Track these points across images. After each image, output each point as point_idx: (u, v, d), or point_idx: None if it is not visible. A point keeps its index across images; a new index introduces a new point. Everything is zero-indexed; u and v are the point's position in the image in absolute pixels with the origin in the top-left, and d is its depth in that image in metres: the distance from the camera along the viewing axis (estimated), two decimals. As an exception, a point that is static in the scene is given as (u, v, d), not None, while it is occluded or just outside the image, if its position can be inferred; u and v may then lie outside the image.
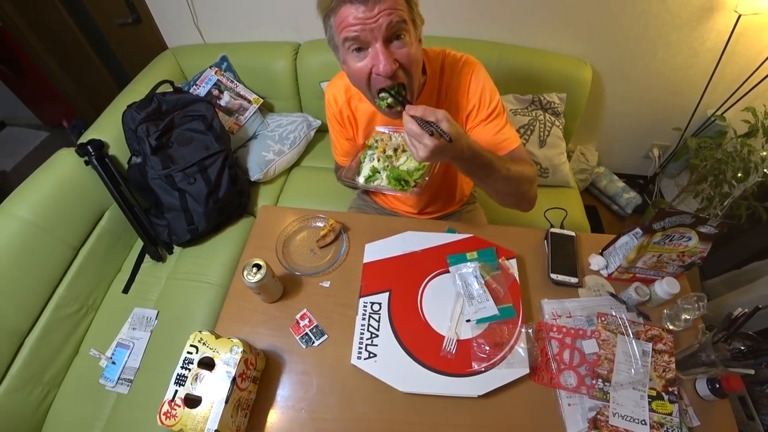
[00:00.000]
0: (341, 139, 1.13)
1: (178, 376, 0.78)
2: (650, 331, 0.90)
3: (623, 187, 2.16)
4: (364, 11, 0.72)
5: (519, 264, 1.00)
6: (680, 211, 0.86)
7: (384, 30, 0.74)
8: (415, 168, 0.86)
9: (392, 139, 0.91)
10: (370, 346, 0.88)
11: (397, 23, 0.74)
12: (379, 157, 0.89)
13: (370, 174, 0.90)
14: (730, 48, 1.60)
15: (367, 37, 0.75)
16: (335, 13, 0.75)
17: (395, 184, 0.85)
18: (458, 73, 0.95)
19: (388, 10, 0.73)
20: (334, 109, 1.05)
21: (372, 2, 0.72)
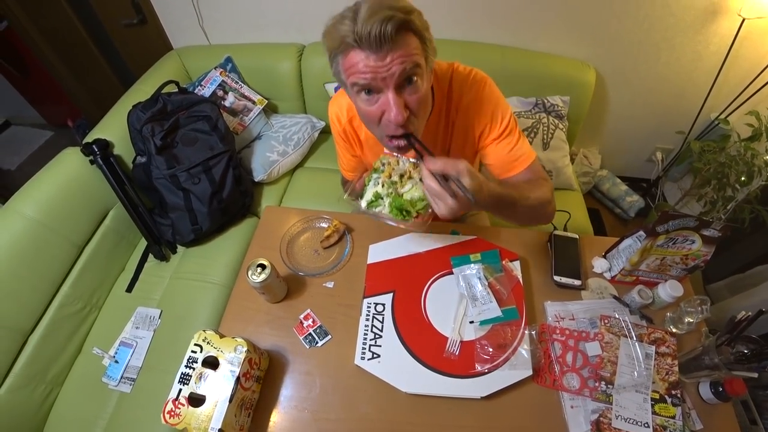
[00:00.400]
0: (347, 155, 1.10)
1: (183, 375, 0.78)
2: (653, 334, 0.90)
3: (626, 191, 2.16)
4: (376, 59, 0.67)
5: (522, 266, 1.00)
6: (684, 214, 0.86)
7: (397, 77, 0.69)
8: (419, 197, 0.83)
9: (399, 164, 0.88)
10: (374, 346, 0.88)
11: (411, 69, 0.70)
12: (383, 182, 0.87)
13: (373, 199, 0.86)
14: (733, 51, 1.60)
15: (379, 84, 0.71)
16: (343, 56, 0.71)
17: (396, 213, 0.82)
18: (468, 91, 0.91)
19: (402, 57, 0.68)
20: (338, 127, 1.02)
21: (385, 50, 0.67)
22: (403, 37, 0.68)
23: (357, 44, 0.67)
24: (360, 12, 0.66)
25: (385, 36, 0.65)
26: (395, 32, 0.65)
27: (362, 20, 0.65)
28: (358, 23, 0.65)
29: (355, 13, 0.67)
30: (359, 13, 0.66)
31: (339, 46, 0.69)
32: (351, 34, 0.66)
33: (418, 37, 0.71)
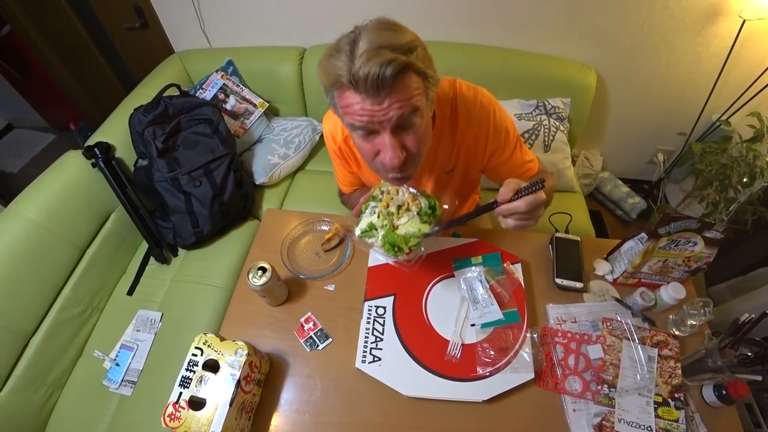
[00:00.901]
0: (343, 171, 1.07)
1: (183, 378, 0.78)
2: (656, 337, 0.90)
3: (628, 192, 2.15)
4: (373, 103, 0.64)
5: (524, 268, 1.00)
6: (686, 216, 0.86)
7: (394, 121, 0.67)
8: (413, 234, 0.82)
9: (399, 193, 0.86)
10: (375, 349, 0.88)
11: (410, 113, 0.67)
12: (380, 212, 0.85)
13: (367, 229, 0.85)
14: (734, 53, 1.60)
15: (375, 127, 0.68)
16: (339, 93, 0.67)
17: (388, 249, 0.81)
18: (477, 118, 0.88)
19: (400, 102, 0.65)
20: (333, 145, 0.99)
21: (383, 94, 0.63)
22: (403, 80, 0.64)
23: (353, 86, 0.64)
24: (357, 48, 0.62)
25: (383, 81, 0.61)
26: (395, 76, 0.62)
27: (360, 61, 0.61)
28: (355, 63, 0.61)
29: (352, 47, 0.62)
30: (356, 50, 0.62)
31: (334, 83, 0.66)
32: (347, 74, 0.62)
33: (420, 77, 0.67)
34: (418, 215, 0.83)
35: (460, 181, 1.03)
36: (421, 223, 0.82)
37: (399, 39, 0.63)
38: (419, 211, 0.83)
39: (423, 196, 0.85)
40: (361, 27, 0.65)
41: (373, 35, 0.62)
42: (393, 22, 0.66)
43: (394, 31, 0.64)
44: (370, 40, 0.62)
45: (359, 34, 0.63)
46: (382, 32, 0.63)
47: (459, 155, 0.94)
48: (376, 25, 0.65)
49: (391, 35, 0.63)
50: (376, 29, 0.63)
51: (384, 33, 0.63)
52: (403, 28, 0.66)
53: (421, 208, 0.83)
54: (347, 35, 0.65)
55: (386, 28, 0.64)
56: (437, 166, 0.96)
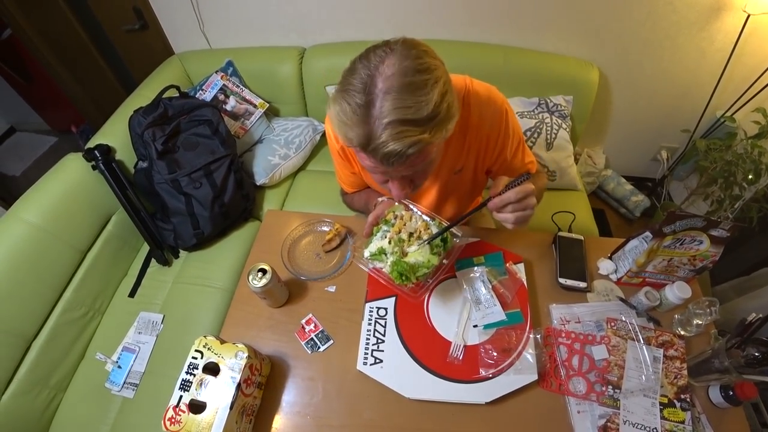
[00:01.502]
0: (345, 171, 1.05)
1: (183, 382, 0.78)
2: (661, 337, 0.88)
3: (631, 190, 2.14)
4: (386, 167, 0.64)
5: (527, 268, 0.98)
6: (691, 214, 0.84)
7: (405, 174, 0.70)
8: (422, 264, 0.82)
9: (412, 220, 0.87)
10: (377, 351, 0.87)
11: (421, 167, 0.69)
12: (391, 238, 0.85)
13: (377, 253, 0.85)
14: (739, 48, 1.58)
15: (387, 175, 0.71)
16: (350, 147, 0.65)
17: (396, 277, 0.80)
18: (490, 119, 0.87)
19: (414, 166, 0.66)
20: (336, 146, 0.96)
21: (399, 165, 0.62)
22: (422, 152, 0.62)
23: (366, 153, 0.62)
24: (374, 111, 0.57)
25: (402, 158, 0.60)
26: (414, 153, 0.60)
27: (379, 139, 0.57)
28: (374, 137, 0.58)
29: (367, 107, 0.57)
30: (373, 114, 0.57)
31: (349, 141, 0.62)
32: (361, 142, 0.59)
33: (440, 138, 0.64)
34: (429, 245, 0.83)
35: (468, 183, 1.02)
36: (431, 254, 0.83)
37: (423, 106, 0.57)
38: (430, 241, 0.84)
39: (436, 225, 0.86)
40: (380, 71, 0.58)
41: (395, 99, 0.57)
42: (418, 67, 0.59)
43: (419, 89, 0.58)
44: (390, 108, 0.56)
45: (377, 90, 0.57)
46: (405, 96, 0.57)
47: (469, 155, 0.93)
48: (399, 76, 0.57)
49: (415, 101, 0.57)
50: (398, 90, 0.57)
51: (407, 98, 0.57)
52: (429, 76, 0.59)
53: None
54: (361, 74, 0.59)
55: (411, 86, 0.57)
56: (445, 166, 0.94)
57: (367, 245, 0.88)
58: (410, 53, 0.59)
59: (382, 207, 0.94)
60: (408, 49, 0.60)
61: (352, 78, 0.59)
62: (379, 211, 0.92)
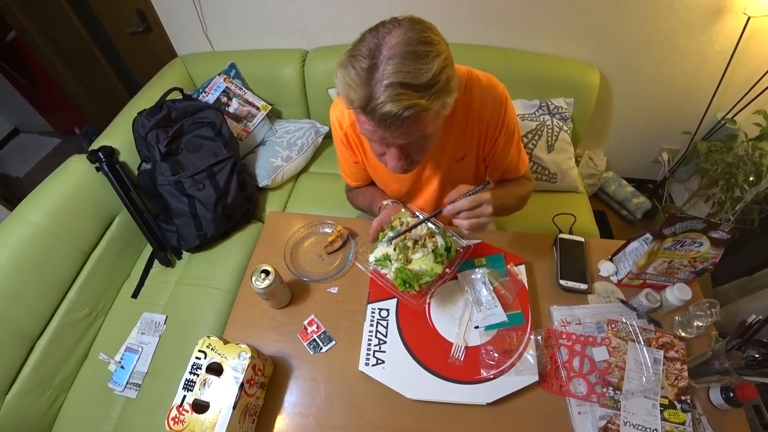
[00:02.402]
0: (349, 162, 1.07)
1: (187, 382, 0.78)
2: (662, 339, 0.89)
3: (632, 192, 2.14)
4: (384, 131, 0.66)
5: (528, 270, 0.99)
6: (691, 216, 0.85)
7: (403, 144, 0.71)
8: (426, 272, 0.83)
9: (418, 229, 0.87)
10: (378, 352, 0.87)
11: (416, 140, 0.70)
12: (396, 245, 0.86)
13: (381, 259, 0.87)
14: (739, 50, 1.59)
15: (384, 144, 0.73)
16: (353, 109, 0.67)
17: (400, 284, 0.82)
18: (491, 105, 0.89)
19: (411, 134, 0.67)
20: (339, 132, 0.99)
21: (395, 128, 0.65)
22: (418, 119, 0.65)
23: (368, 117, 0.64)
24: (377, 75, 0.60)
25: (398, 121, 0.62)
26: (411, 117, 0.62)
27: (378, 100, 0.60)
28: (374, 98, 0.61)
29: (371, 71, 0.61)
30: (375, 77, 0.61)
31: (350, 103, 0.65)
32: (362, 103, 0.62)
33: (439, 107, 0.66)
34: (433, 253, 0.85)
35: (471, 172, 1.03)
36: (435, 263, 0.84)
37: (422, 73, 0.61)
38: (434, 249, 0.85)
39: (440, 234, 0.87)
40: (386, 41, 0.62)
41: (397, 64, 0.60)
42: (421, 39, 0.63)
43: (420, 58, 0.61)
44: (392, 71, 0.60)
45: (381, 56, 0.61)
46: (407, 62, 0.60)
47: (471, 141, 0.94)
48: (403, 44, 0.61)
49: (415, 67, 0.60)
50: (401, 56, 0.60)
51: (408, 64, 0.60)
52: (431, 48, 0.63)
53: (437, 247, 0.85)
54: (368, 42, 0.63)
55: (412, 54, 0.61)
56: (447, 153, 0.96)
57: (372, 250, 0.89)
58: (415, 27, 0.64)
59: (387, 212, 0.95)
60: (414, 24, 0.64)
61: (361, 45, 0.64)
62: (383, 216, 0.93)
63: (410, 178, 1.03)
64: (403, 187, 1.06)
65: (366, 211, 1.14)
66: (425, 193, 1.08)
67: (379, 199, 1.06)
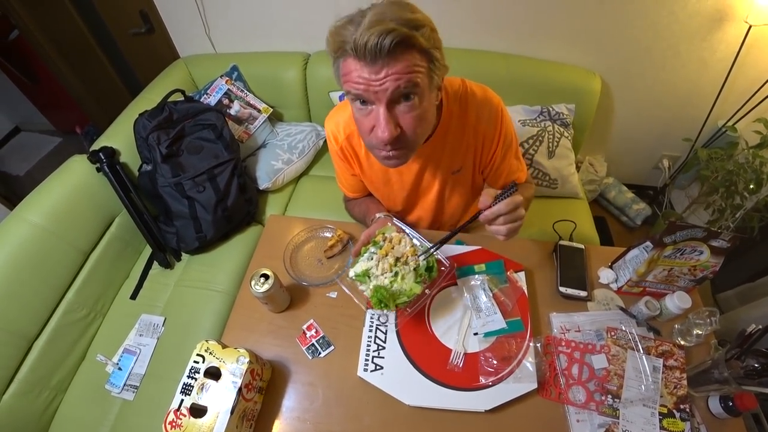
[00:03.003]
0: (346, 174, 1.07)
1: (185, 386, 0.78)
2: (661, 347, 0.89)
3: (632, 198, 2.14)
4: (370, 72, 0.65)
5: (527, 277, 0.99)
6: (691, 225, 0.85)
7: (390, 94, 0.67)
8: (404, 291, 0.82)
9: (401, 243, 0.86)
10: (377, 358, 0.87)
11: (407, 87, 0.67)
12: (378, 261, 0.84)
13: (360, 274, 0.85)
14: (740, 58, 1.59)
15: (371, 97, 0.68)
16: (342, 61, 0.68)
17: (376, 303, 0.81)
18: (487, 118, 0.89)
19: (397, 74, 0.65)
20: (335, 146, 0.98)
21: (380, 64, 0.64)
22: (403, 53, 0.65)
23: (353, 53, 0.65)
24: (365, 18, 0.63)
25: (381, 50, 0.62)
26: (394, 47, 0.62)
27: (363, 29, 0.62)
28: (359, 31, 0.62)
29: (360, 18, 0.64)
30: (363, 21, 0.63)
31: (338, 50, 0.67)
32: (350, 41, 0.63)
33: (423, 55, 0.67)
34: (414, 271, 0.83)
35: (468, 184, 1.03)
36: (415, 282, 0.82)
37: (406, 14, 0.64)
38: (416, 268, 0.83)
39: (423, 251, 0.85)
40: (374, 3, 0.66)
41: (383, 8, 0.64)
42: (407, 2, 0.67)
43: (405, 8, 0.66)
44: (377, 12, 0.64)
45: (367, 10, 0.65)
46: (393, 6, 0.65)
47: (467, 154, 0.94)
48: (388, 2, 0.66)
49: (399, 10, 0.64)
50: (388, 4, 0.66)
51: (394, 7, 0.65)
52: (416, 9, 0.67)
53: (419, 265, 0.84)
54: (361, 10, 0.66)
55: (398, 4, 0.66)
56: (443, 164, 0.96)
57: (354, 265, 0.88)
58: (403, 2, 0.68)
59: (375, 226, 0.95)
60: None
61: (351, 14, 0.67)
62: (371, 230, 0.93)
63: (406, 189, 1.03)
64: (399, 197, 1.06)
65: (361, 222, 1.14)
66: (423, 204, 1.09)
67: (373, 211, 1.05)
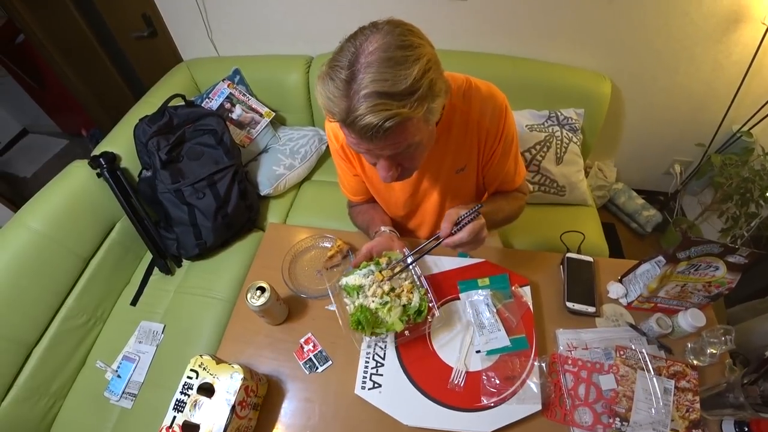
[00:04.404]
0: (348, 176, 1.05)
1: (177, 402, 0.77)
2: (673, 367, 0.85)
3: (643, 204, 2.08)
4: (368, 144, 0.64)
5: (533, 291, 0.95)
6: (707, 240, 0.81)
7: (388, 154, 0.68)
8: (386, 323, 0.80)
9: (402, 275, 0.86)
10: (375, 375, 0.85)
11: (407, 149, 0.67)
12: (373, 281, 0.83)
13: (351, 287, 0.84)
14: (757, 61, 1.54)
15: (370, 159, 0.72)
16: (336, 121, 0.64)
17: (353, 322, 0.79)
18: (491, 114, 0.86)
19: (396, 144, 0.65)
20: (336, 145, 0.96)
21: (377, 140, 0.62)
22: (401, 129, 0.62)
23: (347, 128, 0.62)
24: (354, 84, 0.58)
25: (377, 134, 0.60)
26: (392, 128, 0.59)
27: (356, 112, 0.58)
28: (352, 109, 0.58)
29: (348, 82, 0.58)
30: (353, 87, 0.58)
31: (332, 116, 0.62)
32: (342, 115, 0.60)
33: (421, 117, 0.63)
34: (403, 308, 0.82)
35: (472, 183, 1.00)
36: (399, 319, 0.81)
37: (401, 80, 0.58)
38: (406, 305, 0.82)
39: (420, 292, 0.84)
40: (363, 48, 0.59)
41: (374, 73, 0.57)
42: (399, 43, 0.60)
43: (399, 65, 0.58)
44: (369, 81, 0.57)
45: (359, 65, 0.58)
46: (384, 69, 0.58)
47: (471, 152, 0.91)
48: (380, 50, 0.59)
49: (393, 74, 0.57)
50: (378, 63, 0.58)
51: (386, 71, 0.57)
52: (411, 52, 0.60)
53: (411, 304, 0.82)
54: (347, 52, 0.60)
55: (390, 60, 0.58)
56: (446, 164, 0.93)
57: (348, 274, 0.86)
58: (394, 31, 0.61)
59: (378, 241, 0.93)
60: (393, 28, 0.62)
61: (340, 56, 0.61)
62: (375, 244, 0.91)
63: (408, 191, 1.00)
64: (401, 200, 1.03)
65: (364, 232, 1.11)
66: (426, 207, 1.06)
67: (377, 223, 1.03)
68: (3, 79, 2.90)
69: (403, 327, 0.80)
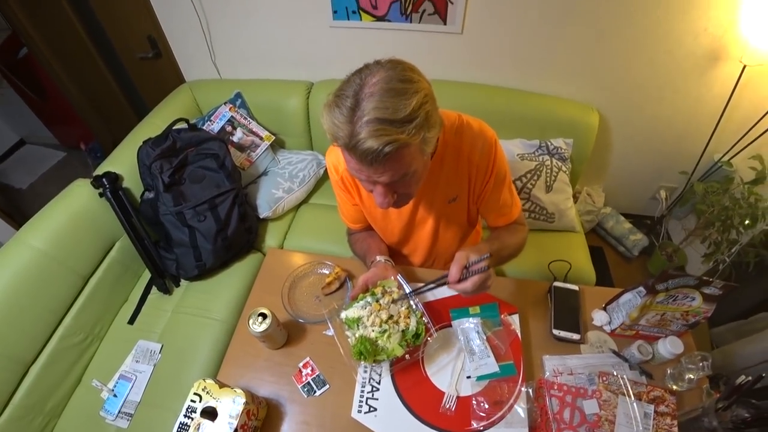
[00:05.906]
0: (347, 205, 1.09)
1: (181, 425, 0.79)
2: (652, 392, 0.89)
3: (630, 229, 2.15)
4: (368, 168, 0.69)
5: (521, 318, 1.00)
6: (684, 273, 0.86)
7: (386, 181, 0.72)
8: (386, 350, 0.84)
9: (397, 303, 0.89)
10: (371, 399, 0.88)
11: (403, 177, 0.72)
12: (372, 311, 0.87)
13: (351, 320, 0.88)
14: (736, 95, 1.62)
15: (368, 185, 0.76)
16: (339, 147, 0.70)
17: (355, 353, 0.83)
18: (481, 150, 0.91)
19: (394, 171, 0.70)
20: (335, 176, 1.01)
21: (377, 165, 0.67)
22: (398, 155, 0.67)
23: (349, 152, 0.67)
24: (358, 111, 0.63)
25: (377, 158, 0.65)
26: (391, 153, 0.64)
27: (358, 137, 0.63)
28: (354, 134, 0.63)
29: (353, 110, 0.64)
30: (357, 114, 0.63)
31: (335, 140, 0.68)
32: (345, 140, 0.65)
33: (418, 146, 0.69)
34: (401, 333, 0.86)
35: (464, 213, 1.05)
36: (398, 345, 0.85)
37: (401, 109, 0.63)
38: (405, 330, 0.86)
39: (416, 316, 0.88)
40: (367, 81, 0.65)
41: (377, 101, 0.63)
42: (400, 77, 0.66)
43: (399, 95, 0.64)
44: (371, 108, 0.63)
45: (363, 94, 0.64)
46: (386, 98, 0.63)
47: (462, 183, 0.96)
48: (383, 82, 0.65)
49: (394, 103, 0.63)
50: (380, 93, 0.64)
51: (387, 100, 0.63)
52: (410, 85, 0.66)
53: (408, 329, 0.86)
54: (353, 84, 0.66)
55: (391, 91, 0.64)
56: (439, 193, 0.98)
57: (348, 308, 0.90)
58: (396, 68, 0.68)
59: (373, 271, 0.97)
60: (395, 65, 0.69)
61: (346, 86, 0.67)
62: (370, 275, 0.95)
63: (404, 219, 1.05)
64: (397, 228, 1.08)
65: (361, 260, 1.15)
66: (420, 234, 1.10)
67: (373, 252, 1.06)
68: (3, 90, 2.90)
69: (403, 352, 0.85)
